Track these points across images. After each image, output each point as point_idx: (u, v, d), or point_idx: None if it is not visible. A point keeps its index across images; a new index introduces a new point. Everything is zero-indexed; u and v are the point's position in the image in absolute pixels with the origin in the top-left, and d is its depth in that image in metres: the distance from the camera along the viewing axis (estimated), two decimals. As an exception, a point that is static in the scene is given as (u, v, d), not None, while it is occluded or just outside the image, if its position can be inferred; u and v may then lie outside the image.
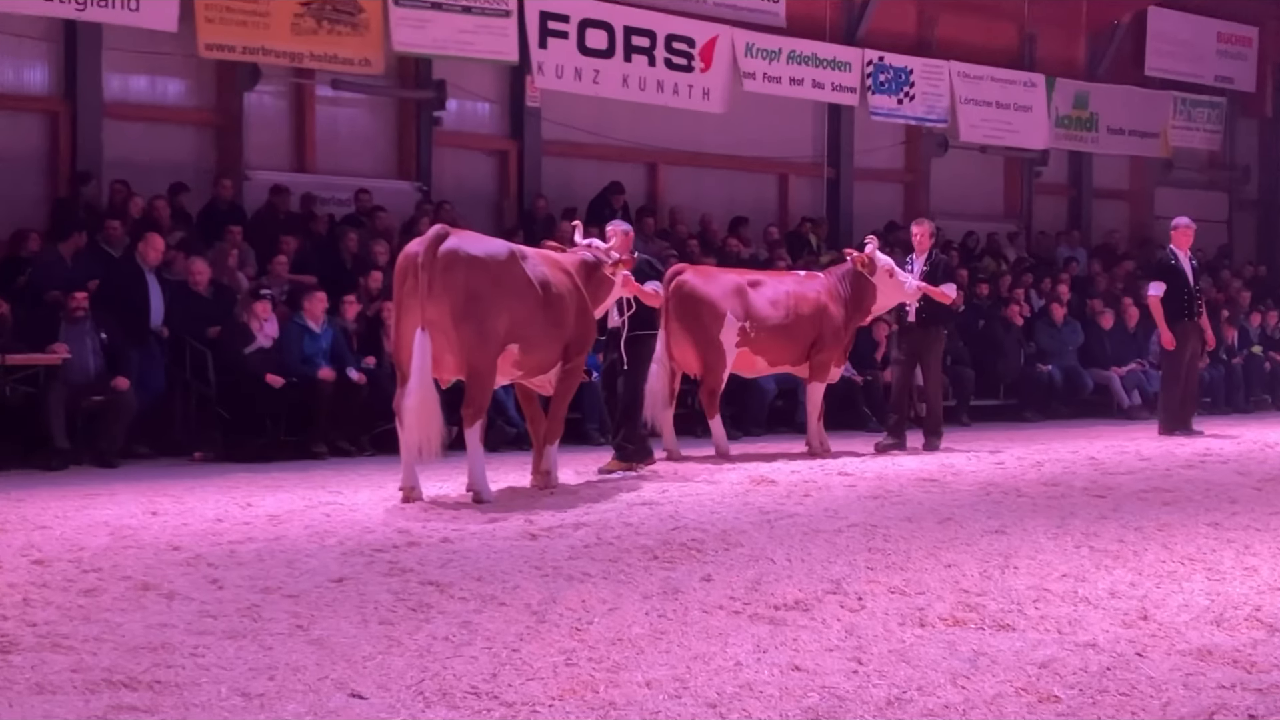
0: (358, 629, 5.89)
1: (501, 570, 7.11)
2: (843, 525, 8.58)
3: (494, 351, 9.75)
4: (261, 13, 15.27)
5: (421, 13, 16.31)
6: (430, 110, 17.71)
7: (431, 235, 9.63)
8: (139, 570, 7.09)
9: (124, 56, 15.67)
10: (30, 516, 9.02)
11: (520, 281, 9.89)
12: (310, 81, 16.96)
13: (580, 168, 19.21)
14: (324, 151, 17.35)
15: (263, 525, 8.72)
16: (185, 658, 5.39)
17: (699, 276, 13.11)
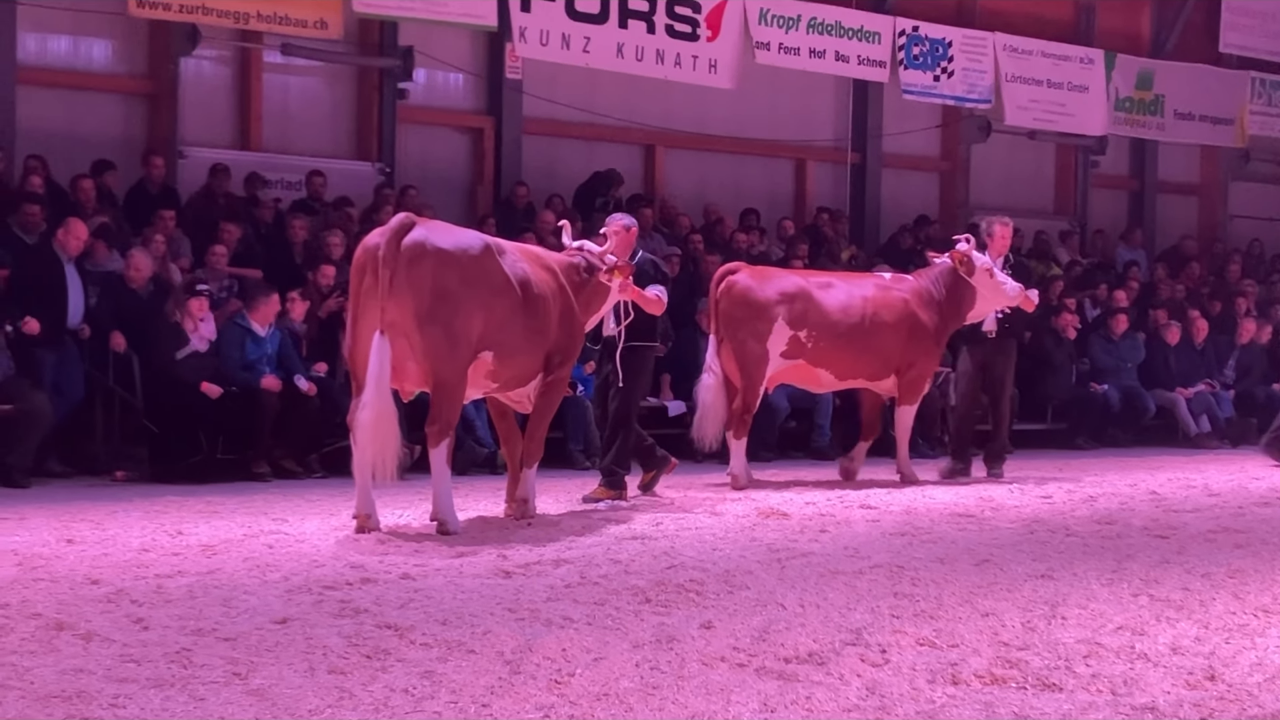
0: (304, 678, 5.89)
1: (470, 613, 7.12)
2: (865, 566, 8.58)
3: (464, 359, 9.71)
4: (203, -33, 15.33)
5: (387, -32, 16.37)
6: (394, 81, 17.77)
7: (394, 225, 9.59)
8: (52, 607, 7.08)
9: (41, 14, 15.73)
10: (-73, 544, 9.04)
11: (497, 280, 9.85)
12: (257, 46, 17.02)
13: (566, 149, 19.27)
14: (271, 127, 17.43)
15: (195, 557, 8.71)
16: (104, 709, 5.39)
17: (753, 277, 13.21)
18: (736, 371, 12.97)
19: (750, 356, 12.89)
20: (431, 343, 9.56)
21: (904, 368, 13.39)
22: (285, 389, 13.31)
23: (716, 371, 12.88)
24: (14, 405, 12.52)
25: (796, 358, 13.06)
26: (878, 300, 13.35)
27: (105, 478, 13.00)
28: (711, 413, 12.79)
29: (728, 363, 12.96)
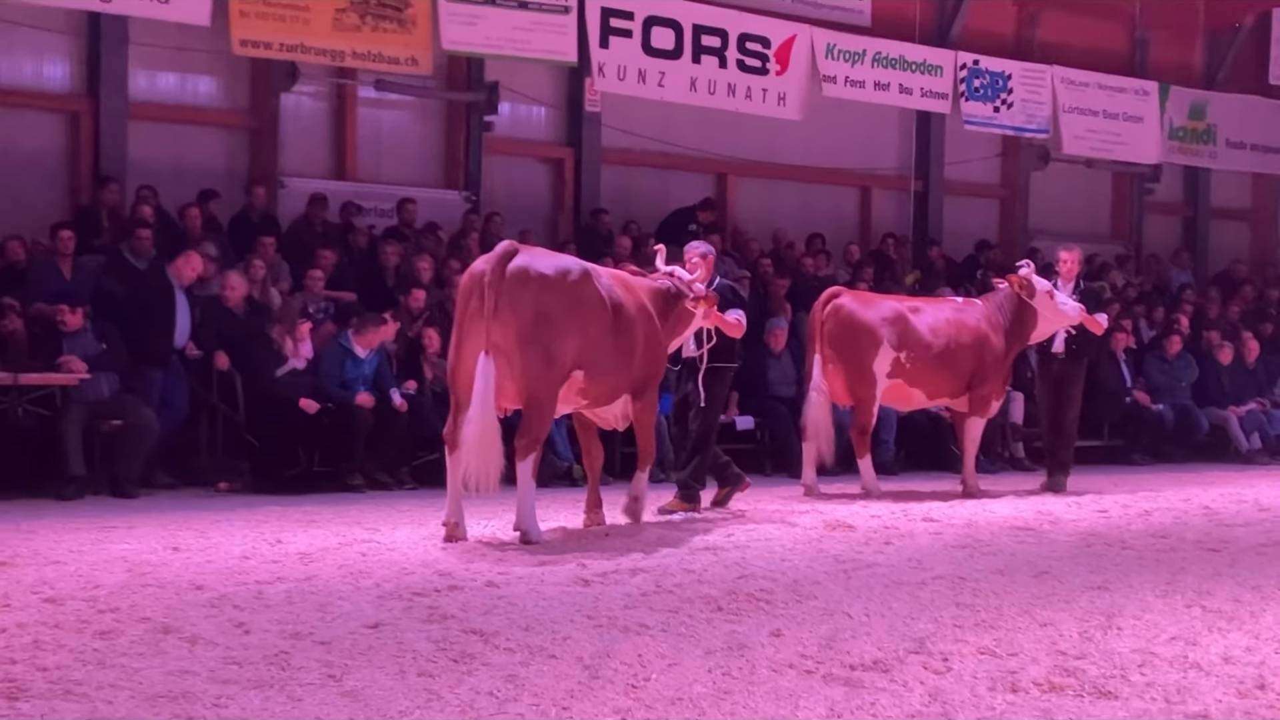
0: (394, 680, 5.91)
1: (551, 619, 7.12)
2: (927, 577, 8.53)
3: (558, 379, 9.82)
4: (301, 8, 15.43)
5: (473, 8, 16.41)
6: (481, 114, 17.83)
7: (499, 252, 9.71)
8: (159, 611, 7.13)
9: (151, 53, 15.88)
10: (42, 550, 9.12)
11: (592, 304, 9.96)
12: (352, 82, 17.14)
13: (642, 178, 19.30)
14: (365, 158, 17.53)
15: (293, 564, 8.76)
16: (208, 708, 5.43)
17: (856, 301, 13.40)
18: (843, 391, 13.13)
19: (861, 378, 13.06)
20: (530, 362, 9.65)
21: (975, 385, 13.54)
22: (379, 405, 13.39)
23: (822, 389, 13.05)
24: (124, 420, 12.67)
25: (896, 378, 13.23)
26: (956, 323, 13.54)
27: (209, 489, 13.10)
28: (821, 429, 13.01)
29: (834, 382, 13.06)
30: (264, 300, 14.40)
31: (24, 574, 8.20)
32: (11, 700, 5.46)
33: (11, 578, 8.07)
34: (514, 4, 16.65)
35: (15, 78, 15.53)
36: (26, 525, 10.32)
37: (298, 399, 13.19)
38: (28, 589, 7.71)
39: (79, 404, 12.52)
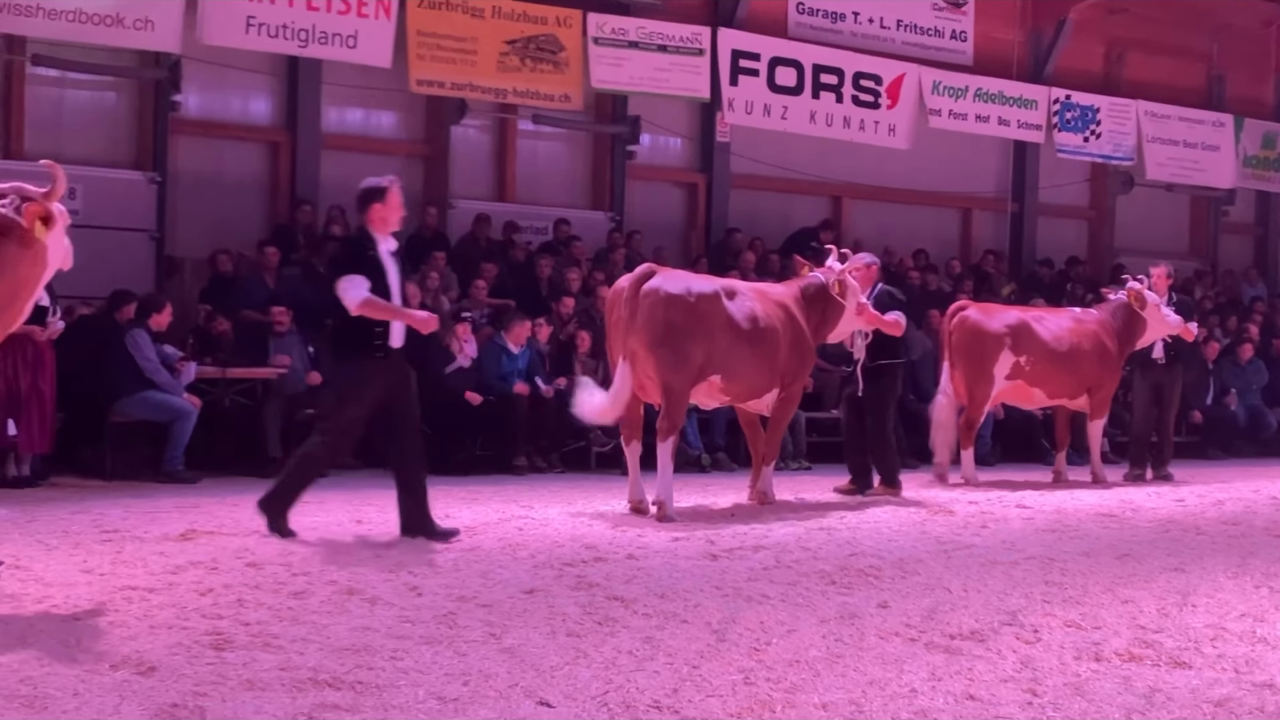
0: (547, 639, 5.96)
1: (683, 588, 7.13)
2: (1020, 558, 8.43)
3: (688, 376, 10.07)
4: (470, 50, 15.63)
5: (619, 51, 16.54)
6: (624, 144, 17.88)
7: (638, 273, 10.18)
8: (343, 576, 7.23)
9: (341, 91, 16.10)
10: (245, 521, 9.27)
11: (719, 318, 10.18)
12: (513, 116, 17.26)
13: (766, 200, 19.22)
14: (524, 183, 17.63)
15: (459, 536, 8.87)
16: (386, 660, 5.50)
17: (980, 311, 13.40)
18: (963, 392, 13.05)
19: (979, 379, 13.01)
20: (660, 361, 9.97)
21: (1095, 388, 13.46)
22: (533, 398, 13.49)
23: (949, 393, 13.05)
24: (315, 410, 12.87)
25: (1016, 379, 13.16)
26: (1076, 330, 13.46)
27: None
28: (943, 429, 13.00)
29: (958, 385, 13.04)
30: (436, 307, 14.55)
31: (229, 542, 8.36)
32: (219, 650, 5.57)
33: (219, 545, 8.24)
34: (655, 47, 16.75)
35: (225, 113, 15.83)
36: (231, 499, 10.51)
37: (464, 392, 13.33)
38: (233, 554, 7.86)
39: (278, 395, 12.77)
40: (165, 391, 11.99)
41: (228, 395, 12.76)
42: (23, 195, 6.58)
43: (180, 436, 11.97)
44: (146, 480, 11.66)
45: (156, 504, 10.16)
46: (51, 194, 6.64)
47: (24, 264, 6.60)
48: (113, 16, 13.71)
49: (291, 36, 14.60)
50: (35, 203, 6.57)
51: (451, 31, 15.56)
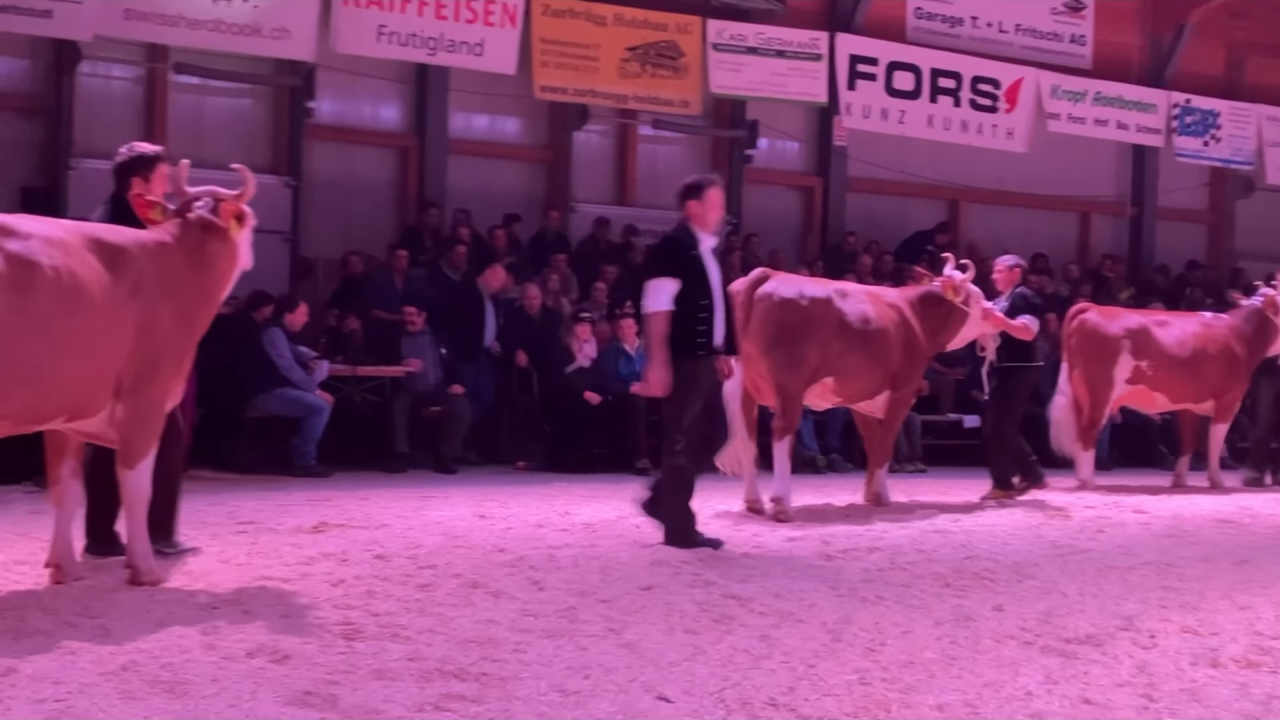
0: (665, 635, 5.98)
1: (799, 588, 7.11)
2: (1136, 563, 8.29)
3: (802, 377, 10.10)
4: (592, 58, 15.75)
5: (738, 57, 16.55)
6: (742, 148, 17.86)
7: (753, 277, 10.24)
8: (469, 569, 7.32)
9: (467, 97, 16.26)
10: (374, 515, 9.45)
11: (831, 322, 10.21)
12: (633, 121, 17.34)
13: (882, 204, 19.10)
14: (644, 186, 17.69)
15: (579, 533, 8.91)
16: (509, 653, 5.55)
17: (1101, 315, 13.24)
18: (1085, 394, 12.88)
19: (1099, 382, 12.83)
20: (774, 364, 10.01)
21: (1221, 393, 13.21)
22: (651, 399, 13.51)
23: (1068, 394, 12.92)
24: (443, 408, 13.06)
25: (1138, 383, 12.98)
26: (1203, 335, 13.24)
27: (509, 466, 13.39)
28: (1063, 428, 12.86)
29: (1078, 386, 12.90)
30: (557, 308, 14.68)
31: (359, 535, 8.51)
32: (349, 640, 5.67)
33: (349, 538, 8.38)
34: (773, 52, 16.73)
35: (357, 119, 16.09)
36: (361, 493, 10.70)
37: (583, 392, 13.41)
38: (362, 547, 7.99)
39: (406, 392, 12.95)
40: (299, 389, 12.22)
41: (358, 393, 12.98)
42: (217, 197, 6.85)
43: (312, 432, 12.19)
44: (280, 474, 11.87)
45: (289, 497, 10.36)
46: (243, 196, 6.91)
47: (222, 260, 6.87)
48: (251, 26, 14.01)
49: (421, 45, 14.83)
50: (230, 202, 6.83)
51: (574, 39, 15.68)
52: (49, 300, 6.06)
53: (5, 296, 5.92)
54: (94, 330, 6.24)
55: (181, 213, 6.90)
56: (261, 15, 14.01)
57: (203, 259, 6.78)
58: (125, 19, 13.47)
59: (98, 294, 6.25)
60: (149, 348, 6.48)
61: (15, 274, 5.97)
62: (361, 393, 13.01)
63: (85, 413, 6.40)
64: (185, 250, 6.73)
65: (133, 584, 6.62)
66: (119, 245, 6.50)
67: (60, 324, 6.10)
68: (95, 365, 6.30)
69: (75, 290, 6.16)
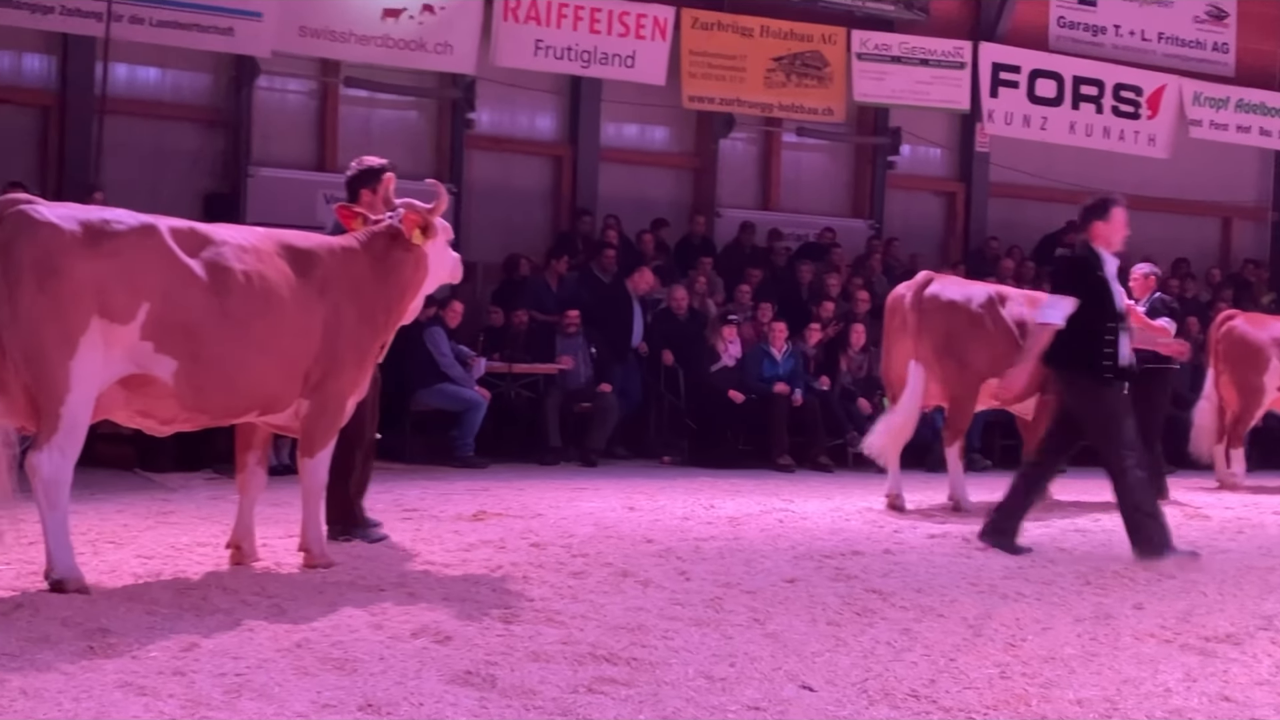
0: (808, 627, 5.97)
1: (940, 584, 7.05)
2: (1276, 563, 8.06)
3: (973, 382, 10.07)
4: (739, 68, 15.76)
5: (882, 66, 16.43)
6: (885, 155, 17.71)
7: (917, 280, 10.21)
8: (619, 558, 7.40)
9: (619, 107, 16.34)
10: (529, 505, 9.58)
11: (996, 323, 10.16)
12: (778, 129, 17.28)
13: (1024, 208, 18.76)
14: (787, 192, 17.63)
15: (723, 526, 8.94)
16: (657, 639, 5.58)
17: (1249, 322, 13.01)
18: (1233, 399, 12.68)
19: (1249, 388, 12.62)
20: (946, 370, 10.01)
21: None
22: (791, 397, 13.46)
23: (1213, 399, 12.70)
24: (592, 404, 13.17)
25: None
26: None
27: (656, 461, 13.44)
28: (1205, 432, 12.65)
29: (1225, 391, 12.69)
30: (702, 310, 14.70)
31: (515, 524, 8.63)
32: (507, 623, 5.75)
33: (506, 526, 8.51)
34: (916, 61, 16.58)
35: (514, 129, 16.26)
36: (516, 484, 10.84)
37: (727, 390, 13.41)
38: (518, 535, 8.11)
39: (559, 389, 13.08)
40: (458, 384, 12.42)
41: (514, 389, 13.15)
42: (409, 208, 7.00)
43: (471, 425, 12.37)
44: (441, 464, 12.07)
45: (450, 486, 10.54)
46: (435, 209, 7.06)
47: (407, 267, 6.99)
48: (416, 41, 14.28)
49: (575, 58, 14.98)
50: (415, 213, 6.96)
51: (722, 50, 15.71)
52: (243, 302, 6.29)
53: (204, 299, 6.16)
54: (284, 330, 6.46)
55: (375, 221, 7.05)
56: (427, 31, 14.28)
57: (387, 265, 6.91)
58: (300, 36, 13.84)
59: (288, 296, 6.47)
60: (333, 347, 6.67)
61: (213, 278, 6.21)
62: (517, 389, 13.17)
63: (276, 407, 6.63)
64: (371, 256, 6.88)
65: (307, 566, 6.80)
66: (307, 250, 6.71)
67: (254, 325, 6.33)
68: (286, 363, 6.51)
69: (267, 293, 6.39)
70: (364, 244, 6.93)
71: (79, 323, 5.86)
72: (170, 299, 6.09)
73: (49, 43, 13.74)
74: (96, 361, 5.93)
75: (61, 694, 4.50)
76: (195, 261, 6.21)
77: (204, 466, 10.70)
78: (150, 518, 8.31)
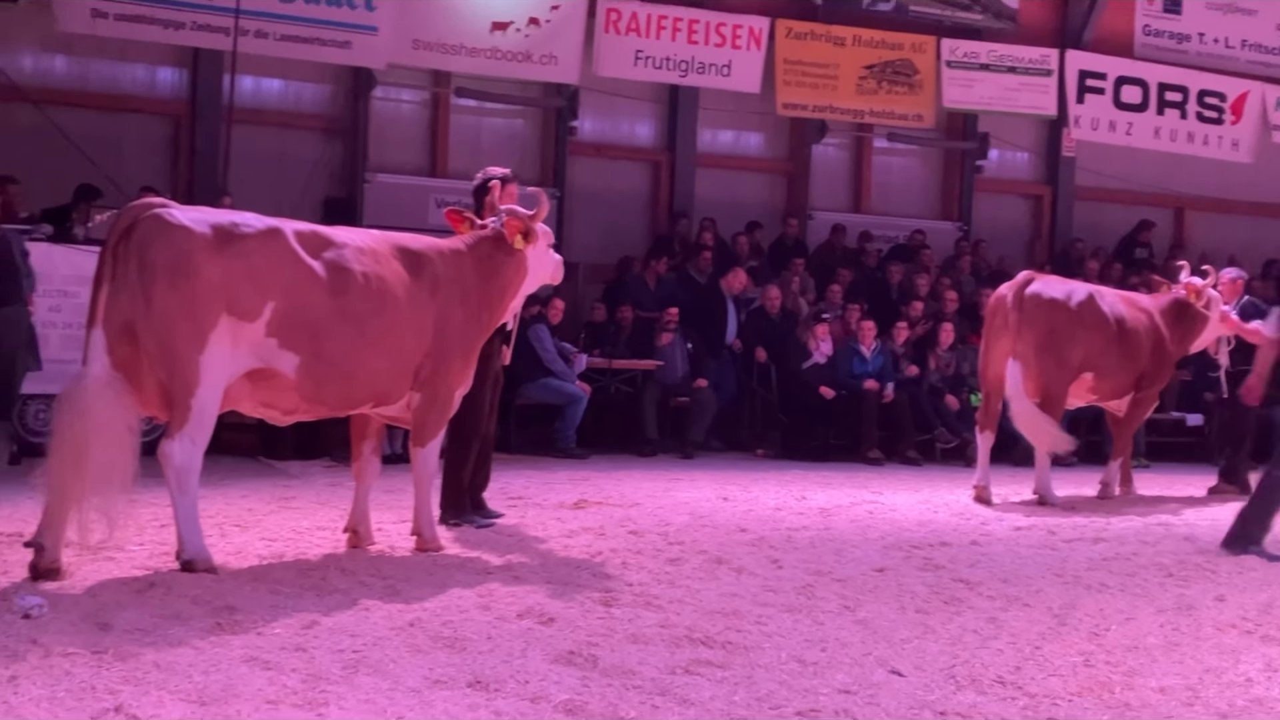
0: (897, 614, 5.94)
1: (1025, 574, 6.98)
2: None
3: (1067, 380, 10.03)
4: (831, 76, 15.68)
5: (970, 74, 16.25)
6: (973, 159, 17.49)
7: (1019, 280, 10.13)
8: (713, 546, 7.39)
9: (715, 115, 16.28)
10: (627, 494, 9.60)
11: (1095, 320, 10.12)
12: (869, 135, 17.14)
13: (1109, 211, 18.42)
14: (878, 195, 17.47)
15: (814, 517, 8.90)
16: (751, 624, 5.59)
17: None
18: None
19: None
20: (1044, 366, 9.89)
21: None
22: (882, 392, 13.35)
23: None
24: (689, 399, 13.16)
25: None
26: None
27: (749, 454, 13.40)
28: None
29: None
30: (794, 309, 14.62)
31: (614, 512, 8.66)
32: (607, 606, 5.79)
33: (606, 514, 8.54)
34: (1004, 69, 16.39)
35: (614, 135, 16.26)
36: (615, 474, 10.87)
37: (818, 386, 13.34)
38: (617, 523, 8.14)
39: (656, 384, 13.09)
40: (561, 379, 12.49)
41: (613, 383, 13.18)
42: (511, 215, 7.11)
43: (572, 418, 12.43)
44: (544, 455, 12.14)
45: (552, 476, 10.60)
46: (536, 216, 7.15)
47: (508, 269, 7.09)
48: (523, 53, 14.38)
49: (673, 68, 15.00)
50: (517, 219, 7.07)
51: (815, 59, 15.63)
52: (361, 301, 6.41)
53: (325, 299, 6.29)
54: (398, 328, 6.57)
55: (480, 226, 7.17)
56: (532, 44, 14.38)
57: (490, 267, 7.02)
58: (414, 49, 14.00)
59: (402, 295, 6.58)
60: (443, 343, 6.78)
61: (333, 278, 6.33)
62: (616, 383, 13.21)
63: (389, 400, 6.74)
64: (476, 259, 6.99)
65: (419, 550, 6.89)
66: (419, 252, 6.84)
67: (371, 323, 6.45)
68: (399, 358, 6.63)
69: (383, 292, 6.51)
70: (470, 247, 7.04)
71: (209, 320, 5.99)
72: (294, 298, 6.21)
73: (180, 57, 14.01)
74: (224, 356, 6.06)
75: (192, 667, 4.60)
76: (317, 262, 6.33)
77: (322, 455, 10.85)
78: (273, 503, 8.46)
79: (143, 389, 6.03)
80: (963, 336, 14.12)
